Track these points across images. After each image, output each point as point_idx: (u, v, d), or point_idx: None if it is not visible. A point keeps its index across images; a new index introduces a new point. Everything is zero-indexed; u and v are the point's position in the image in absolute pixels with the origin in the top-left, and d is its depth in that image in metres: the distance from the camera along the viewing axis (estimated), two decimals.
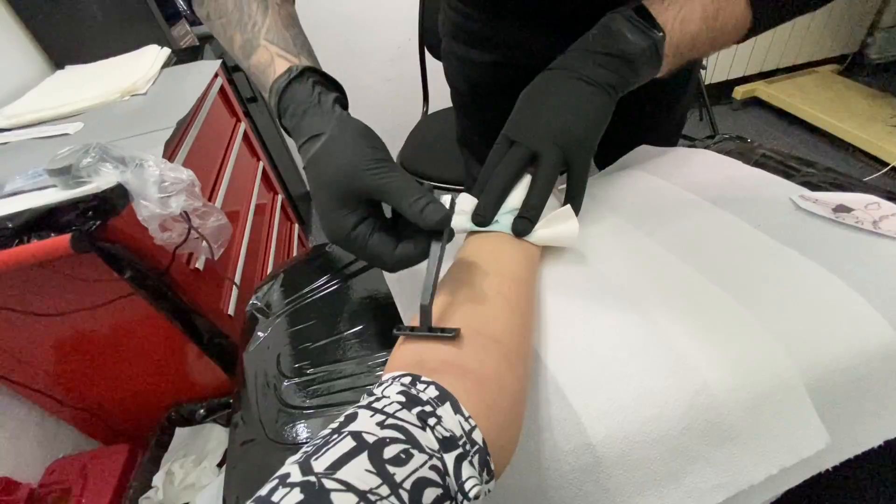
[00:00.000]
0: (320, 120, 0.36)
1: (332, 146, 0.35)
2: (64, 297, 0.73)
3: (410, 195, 0.32)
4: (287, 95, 0.38)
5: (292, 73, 0.38)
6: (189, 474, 0.88)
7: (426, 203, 0.32)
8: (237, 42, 0.43)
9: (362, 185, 0.33)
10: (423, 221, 0.32)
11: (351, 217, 0.34)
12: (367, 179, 0.33)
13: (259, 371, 0.43)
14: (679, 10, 0.40)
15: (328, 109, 0.37)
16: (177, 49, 1.21)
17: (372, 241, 0.34)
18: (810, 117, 2.00)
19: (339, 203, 0.34)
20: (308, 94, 0.38)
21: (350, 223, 0.34)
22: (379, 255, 0.34)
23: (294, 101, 0.38)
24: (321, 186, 0.35)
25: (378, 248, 0.34)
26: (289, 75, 0.38)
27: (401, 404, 0.23)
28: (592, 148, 0.42)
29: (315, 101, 0.37)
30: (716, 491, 0.30)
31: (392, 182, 0.33)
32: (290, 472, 0.19)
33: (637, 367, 0.32)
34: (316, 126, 0.36)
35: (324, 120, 0.36)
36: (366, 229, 0.34)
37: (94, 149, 0.64)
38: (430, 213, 0.32)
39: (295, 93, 0.38)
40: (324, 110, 0.37)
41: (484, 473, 0.23)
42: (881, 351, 0.32)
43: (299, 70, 0.38)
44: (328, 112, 0.37)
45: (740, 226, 0.42)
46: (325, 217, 0.35)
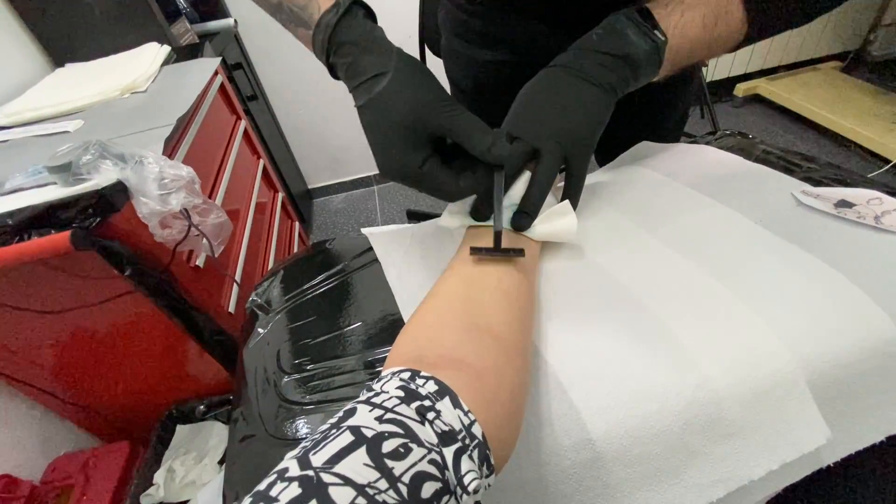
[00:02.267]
0: (379, 58, 0.36)
1: (399, 85, 0.35)
2: (64, 295, 0.73)
3: (481, 133, 0.35)
4: (339, 32, 0.37)
5: (340, 6, 0.37)
6: (190, 471, 0.88)
7: (493, 141, 0.35)
8: None
9: (434, 123, 0.35)
10: (492, 157, 0.35)
11: (420, 153, 0.36)
12: (438, 118, 0.35)
13: (259, 367, 0.43)
14: (681, 16, 0.41)
15: (386, 46, 0.37)
16: (177, 47, 1.21)
17: (441, 174, 0.36)
18: (812, 114, 2.00)
19: (408, 140, 0.35)
20: (362, 31, 0.37)
21: (419, 159, 0.36)
22: (447, 186, 0.37)
23: (349, 38, 0.37)
24: (389, 125, 0.35)
25: (446, 180, 0.37)
26: (337, 10, 0.37)
27: (399, 399, 0.23)
28: (592, 146, 0.42)
29: (371, 38, 0.37)
30: (716, 486, 0.30)
31: (463, 121, 0.35)
32: (289, 466, 0.19)
33: (637, 363, 0.32)
34: (377, 64, 0.36)
35: (384, 58, 0.36)
36: (433, 163, 0.36)
37: (93, 146, 0.64)
38: (496, 150, 0.35)
39: (348, 29, 0.37)
40: (381, 47, 0.36)
41: (484, 467, 0.23)
42: (883, 346, 0.32)
43: (347, 4, 0.37)
44: (387, 50, 0.36)
45: (741, 221, 0.42)
46: (391, 154, 0.36)
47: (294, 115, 1.89)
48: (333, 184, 2.16)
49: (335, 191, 2.19)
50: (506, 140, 0.35)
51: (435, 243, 0.49)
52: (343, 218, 2.03)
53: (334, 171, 2.12)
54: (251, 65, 1.70)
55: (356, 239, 0.54)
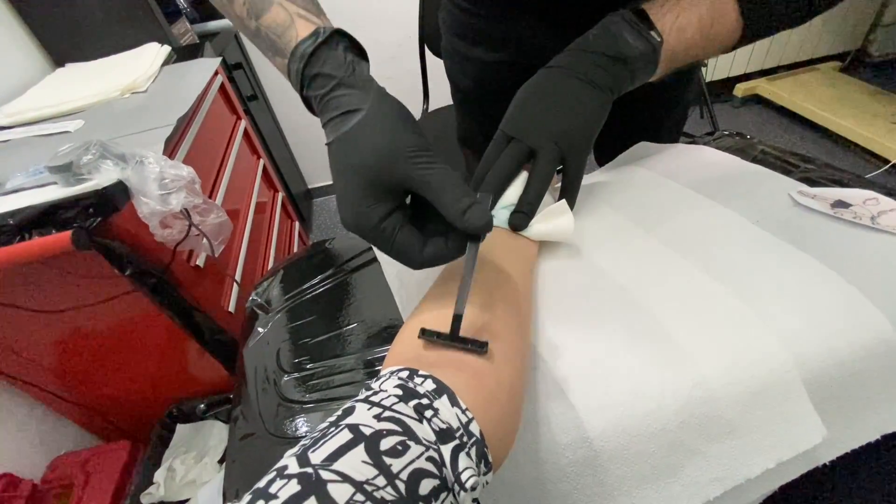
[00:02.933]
0: (355, 93, 0.32)
1: (369, 125, 0.31)
2: (65, 294, 0.73)
3: (454, 193, 0.29)
4: (315, 62, 0.33)
5: (319, 36, 0.33)
6: (190, 471, 0.88)
7: (470, 203, 0.29)
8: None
9: (400, 175, 0.30)
10: (465, 224, 0.29)
11: (380, 207, 0.31)
12: (408, 168, 0.30)
13: (259, 366, 0.44)
14: (677, 17, 0.41)
15: (365, 82, 0.33)
16: (177, 47, 1.21)
17: (400, 236, 0.31)
18: (811, 115, 2.00)
19: (370, 190, 0.31)
20: (340, 63, 0.33)
21: (379, 214, 0.31)
22: (406, 252, 0.31)
23: (324, 70, 0.33)
24: (351, 169, 0.31)
25: (406, 245, 0.31)
26: (315, 39, 0.33)
27: (398, 397, 0.23)
28: (589, 146, 0.42)
29: (349, 71, 0.33)
30: (713, 484, 0.30)
31: (435, 175, 0.30)
32: (288, 464, 0.20)
33: (634, 362, 0.32)
34: (350, 101, 0.32)
35: (359, 94, 0.32)
36: (394, 222, 0.31)
37: (94, 146, 0.64)
38: (472, 216, 0.29)
39: (325, 59, 0.33)
40: (359, 82, 0.32)
41: (481, 465, 0.23)
42: (878, 345, 0.32)
43: (328, 33, 0.33)
44: (365, 85, 0.32)
45: (739, 221, 0.42)
46: (350, 204, 0.31)
47: (294, 115, 1.89)
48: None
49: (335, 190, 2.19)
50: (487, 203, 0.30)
51: None
52: None
53: None
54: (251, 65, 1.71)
55: (356, 239, 0.54)
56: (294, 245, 1.47)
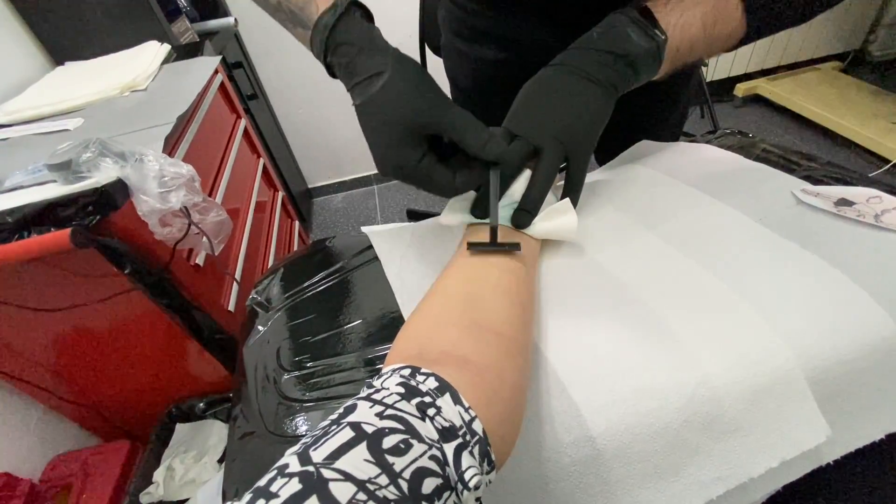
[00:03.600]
0: (377, 58, 0.36)
1: (395, 84, 0.36)
2: (64, 293, 0.73)
3: (476, 131, 0.36)
4: (338, 32, 0.37)
5: (338, 8, 0.38)
6: (189, 470, 0.88)
7: (487, 138, 0.36)
8: None
9: (430, 122, 0.36)
10: (486, 154, 0.36)
11: (417, 151, 0.36)
12: (436, 116, 0.36)
13: (259, 364, 0.43)
14: (681, 16, 0.41)
15: (383, 47, 0.37)
16: (177, 45, 1.21)
17: (437, 172, 0.37)
18: (812, 114, 2.00)
19: (404, 139, 0.36)
20: (360, 31, 0.37)
21: (416, 157, 0.36)
22: (443, 183, 0.37)
23: (347, 39, 0.37)
24: (385, 124, 0.36)
25: (442, 177, 0.37)
26: (335, 11, 0.37)
27: (400, 395, 0.23)
28: (592, 144, 0.42)
29: (368, 39, 0.37)
30: (716, 483, 0.30)
31: (458, 119, 0.36)
32: (289, 462, 0.19)
33: (637, 360, 0.32)
34: (374, 64, 0.36)
35: (381, 58, 0.36)
36: (429, 161, 0.37)
37: (93, 144, 0.63)
38: (491, 147, 0.36)
39: (346, 29, 0.37)
40: (378, 48, 0.37)
41: (484, 464, 0.23)
42: (882, 344, 0.32)
43: (345, 5, 0.38)
44: (384, 49, 0.37)
45: (741, 219, 0.42)
46: (388, 153, 0.37)
47: (294, 114, 1.89)
48: (333, 183, 2.16)
49: (335, 190, 2.19)
50: (502, 138, 0.36)
51: (435, 241, 0.49)
52: (343, 217, 2.03)
53: (334, 170, 2.12)
54: (251, 63, 1.70)
55: (356, 237, 0.54)
56: (294, 244, 1.47)
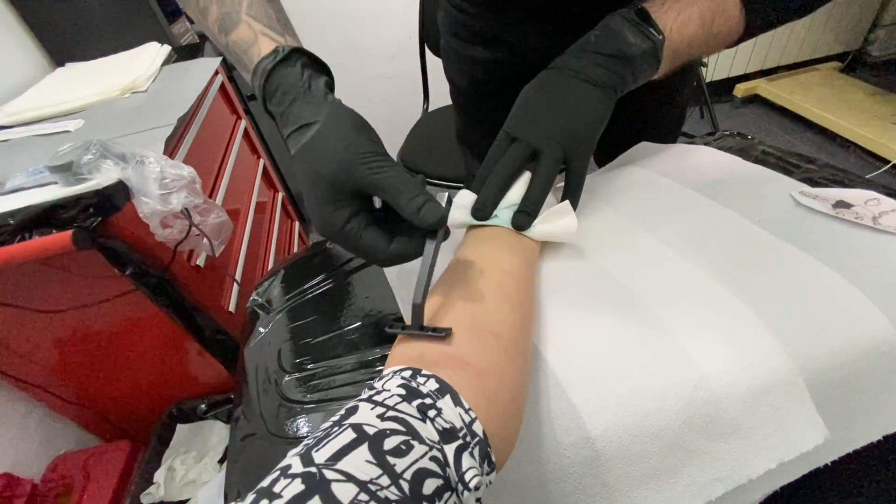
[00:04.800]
0: (311, 107, 0.34)
1: (324, 136, 0.33)
2: (65, 294, 0.73)
3: (408, 192, 0.31)
4: (274, 79, 0.35)
5: (279, 54, 0.35)
6: (190, 470, 0.88)
7: (424, 201, 0.31)
8: (213, 15, 0.39)
9: (356, 179, 0.32)
10: (420, 220, 0.31)
11: (343, 211, 0.33)
12: (362, 173, 0.32)
13: (260, 366, 0.44)
14: (678, 15, 0.41)
15: (320, 96, 0.35)
16: (177, 46, 1.21)
17: (365, 237, 0.33)
18: (812, 115, 2.00)
19: (331, 196, 0.33)
20: (297, 79, 0.35)
21: (342, 218, 0.33)
22: (372, 251, 0.33)
23: (282, 86, 0.35)
24: (312, 178, 0.33)
25: (371, 244, 0.33)
26: (275, 56, 0.35)
27: (401, 397, 0.23)
28: (591, 146, 0.42)
29: (305, 87, 0.35)
30: (714, 485, 0.30)
31: (388, 177, 0.32)
32: (292, 463, 0.20)
33: (636, 362, 0.32)
34: (307, 114, 0.34)
35: (315, 107, 0.34)
36: (358, 224, 0.33)
37: (94, 146, 0.64)
38: (427, 213, 0.31)
39: (283, 76, 0.35)
40: (315, 97, 0.35)
41: (485, 465, 0.23)
42: (880, 346, 0.32)
43: (287, 51, 0.36)
44: (320, 99, 0.35)
45: (740, 222, 0.42)
46: (316, 211, 0.34)
47: None
48: None
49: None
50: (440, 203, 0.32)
51: None
52: None
53: None
54: None
55: None
56: (294, 245, 1.47)
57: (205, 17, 0.40)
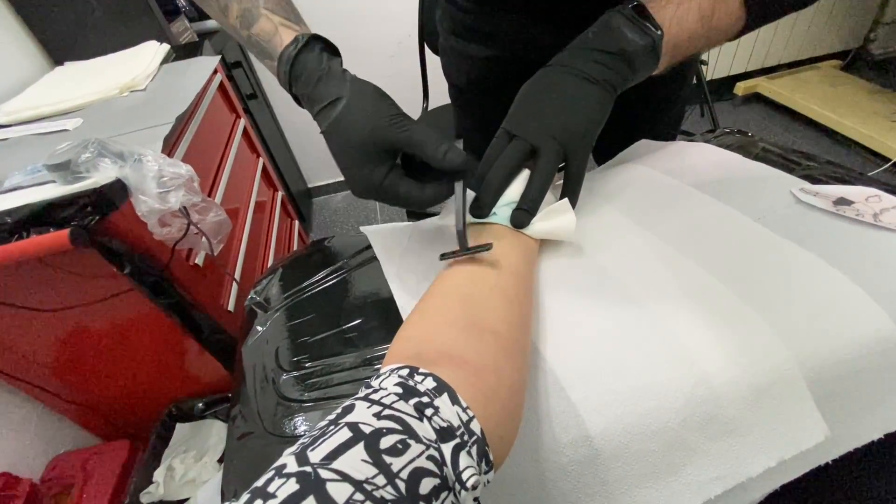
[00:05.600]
0: (335, 85, 0.38)
1: (353, 107, 0.37)
2: (63, 293, 0.73)
3: (434, 143, 0.36)
4: (298, 64, 0.39)
5: (299, 42, 0.40)
6: (189, 470, 0.88)
7: (448, 148, 0.36)
8: (234, 11, 0.43)
9: (389, 139, 0.37)
10: (447, 164, 0.36)
11: (381, 169, 0.37)
12: (393, 133, 0.36)
13: (258, 365, 0.43)
14: (676, 9, 0.41)
15: (340, 75, 0.39)
16: (176, 45, 1.21)
17: (402, 187, 0.38)
18: (812, 113, 1.99)
19: (368, 158, 0.37)
20: (319, 62, 0.39)
21: (381, 174, 0.38)
22: (411, 197, 0.38)
23: (306, 70, 0.39)
24: (349, 145, 0.37)
25: (409, 192, 0.38)
26: (296, 44, 0.40)
27: (398, 395, 0.23)
28: (591, 144, 0.42)
29: (326, 69, 0.39)
30: (714, 483, 0.30)
31: (415, 133, 0.37)
32: (287, 462, 0.19)
33: (636, 360, 0.32)
34: (333, 91, 0.38)
35: (338, 85, 0.38)
36: (395, 177, 0.38)
37: (92, 144, 0.63)
38: (452, 157, 0.36)
39: (306, 61, 0.39)
40: (336, 76, 0.39)
41: (483, 464, 0.23)
42: (881, 343, 0.32)
43: (306, 39, 0.40)
44: (340, 77, 0.39)
45: (740, 219, 0.42)
46: (355, 173, 0.38)
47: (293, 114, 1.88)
48: (333, 182, 2.16)
49: (335, 189, 2.18)
50: (461, 147, 0.37)
51: (434, 241, 0.49)
52: (342, 217, 2.03)
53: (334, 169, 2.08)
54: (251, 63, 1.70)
55: (355, 237, 0.54)
56: (293, 244, 1.47)
57: (225, 14, 0.43)
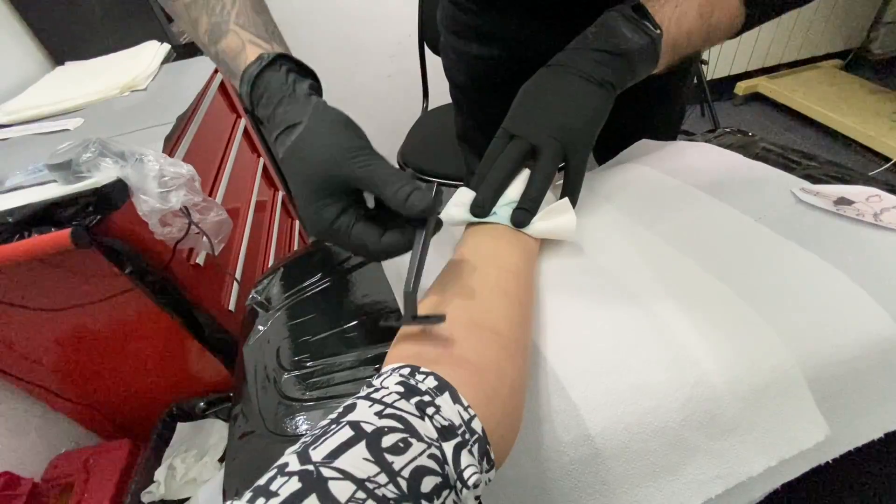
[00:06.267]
0: (296, 109, 0.35)
1: (310, 135, 0.33)
2: (64, 292, 0.73)
3: (394, 183, 0.31)
4: (260, 84, 0.36)
5: (264, 60, 0.36)
6: (190, 469, 0.88)
7: (411, 190, 0.31)
8: (203, 25, 0.40)
9: (344, 175, 0.32)
10: (408, 209, 0.31)
11: (332, 208, 0.33)
12: (349, 168, 0.32)
13: (259, 364, 0.44)
14: (675, 8, 0.41)
15: (303, 98, 0.35)
16: (176, 45, 1.21)
17: (355, 232, 0.33)
18: (813, 113, 1.99)
19: (320, 194, 0.33)
20: (282, 83, 0.36)
21: (332, 214, 0.33)
22: (363, 245, 0.33)
23: (268, 90, 0.36)
24: (300, 177, 0.33)
25: (362, 238, 0.33)
26: (260, 63, 0.36)
27: (399, 394, 0.23)
28: (591, 143, 0.42)
29: (290, 90, 0.36)
30: (715, 482, 0.30)
31: (374, 170, 0.32)
32: (289, 461, 0.19)
33: (636, 359, 0.32)
34: (292, 115, 0.34)
35: (300, 109, 0.35)
36: (348, 219, 0.33)
37: (93, 144, 0.64)
38: (414, 201, 0.30)
39: (268, 81, 0.36)
40: (299, 99, 0.35)
41: (484, 462, 0.23)
42: (882, 343, 0.32)
43: (271, 57, 0.36)
44: (303, 100, 0.35)
45: (741, 218, 0.42)
46: (306, 209, 0.34)
47: None
48: None
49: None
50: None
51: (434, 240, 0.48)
52: None
53: None
54: None
55: None
56: (294, 243, 1.47)
57: (195, 28, 0.40)
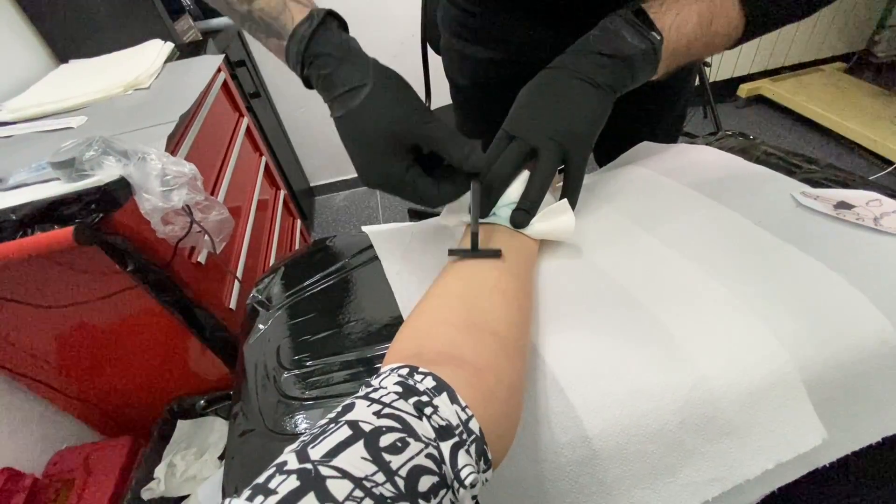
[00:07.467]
0: (356, 70, 0.36)
1: (378, 97, 0.36)
2: (67, 290, 0.73)
3: (459, 143, 0.36)
4: (315, 44, 0.37)
5: (314, 19, 0.37)
6: (190, 466, 0.88)
7: (469, 151, 0.36)
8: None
9: (413, 134, 0.36)
10: (469, 166, 0.36)
11: (400, 163, 0.37)
12: (418, 128, 0.36)
13: (259, 363, 0.44)
14: (676, 15, 0.41)
15: (363, 58, 0.37)
16: (180, 44, 1.21)
17: (421, 184, 0.38)
18: (815, 115, 1.99)
19: (391, 151, 0.36)
20: (338, 42, 0.37)
21: (401, 169, 0.37)
22: (427, 195, 0.38)
23: (324, 50, 0.37)
24: (369, 136, 0.36)
25: (426, 189, 0.38)
26: (311, 22, 0.37)
27: (398, 394, 0.23)
28: (590, 145, 0.42)
29: (346, 51, 0.37)
30: (711, 485, 0.30)
31: (440, 131, 0.36)
32: (288, 460, 0.20)
33: (634, 361, 0.32)
34: (355, 77, 0.36)
35: (361, 70, 0.36)
36: (414, 173, 0.37)
37: (97, 142, 0.64)
38: (474, 159, 0.36)
39: (324, 40, 0.37)
40: (358, 60, 0.37)
41: (481, 462, 0.23)
42: (880, 347, 0.32)
43: (322, 16, 0.37)
44: (363, 61, 0.37)
45: (741, 222, 0.42)
46: (373, 166, 0.37)
47: (297, 113, 1.89)
48: (335, 181, 2.17)
49: (337, 188, 2.19)
50: (481, 150, 0.37)
51: (435, 241, 0.49)
52: (344, 216, 2.04)
53: (336, 168, 2.12)
54: (254, 62, 1.71)
55: (357, 236, 0.54)
56: (296, 242, 1.47)
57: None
